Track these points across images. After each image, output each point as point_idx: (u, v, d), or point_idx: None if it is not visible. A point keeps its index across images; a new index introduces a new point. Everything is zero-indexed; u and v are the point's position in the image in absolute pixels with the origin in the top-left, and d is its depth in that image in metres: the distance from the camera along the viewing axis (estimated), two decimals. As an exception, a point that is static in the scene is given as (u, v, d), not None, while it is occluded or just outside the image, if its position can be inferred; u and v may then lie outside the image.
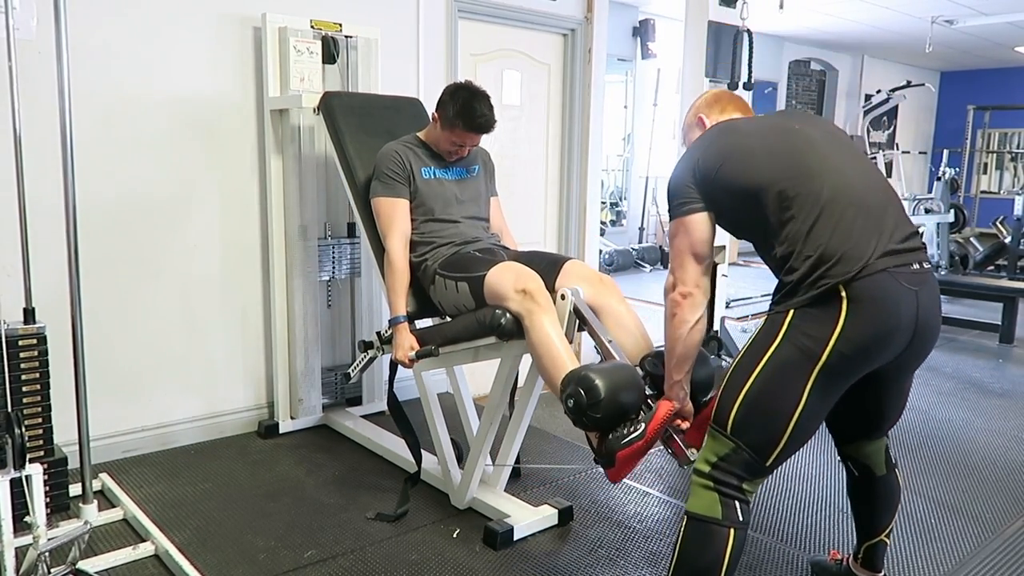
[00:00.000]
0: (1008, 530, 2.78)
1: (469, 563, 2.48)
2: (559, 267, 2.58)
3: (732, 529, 1.81)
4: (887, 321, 1.76)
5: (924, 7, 7.26)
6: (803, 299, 1.76)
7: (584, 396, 2.04)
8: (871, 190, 1.87)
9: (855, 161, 1.94)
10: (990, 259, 7.66)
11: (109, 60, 3.05)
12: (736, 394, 1.82)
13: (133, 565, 2.43)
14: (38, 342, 2.60)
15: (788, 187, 1.82)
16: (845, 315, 1.72)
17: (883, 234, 1.79)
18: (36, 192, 2.62)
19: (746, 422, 1.80)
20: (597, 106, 4.58)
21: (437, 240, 2.77)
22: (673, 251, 1.99)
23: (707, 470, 1.85)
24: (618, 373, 2.11)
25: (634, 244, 9.15)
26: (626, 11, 8.33)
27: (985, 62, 10.74)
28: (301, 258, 3.45)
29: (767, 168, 1.87)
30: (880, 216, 1.82)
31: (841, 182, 1.84)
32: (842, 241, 1.76)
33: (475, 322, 2.54)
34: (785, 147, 1.91)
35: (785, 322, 1.78)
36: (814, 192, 1.81)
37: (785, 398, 1.77)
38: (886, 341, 1.78)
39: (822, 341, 1.73)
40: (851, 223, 1.78)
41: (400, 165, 2.78)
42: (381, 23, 3.65)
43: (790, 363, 1.77)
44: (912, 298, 1.78)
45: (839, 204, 1.80)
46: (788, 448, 1.81)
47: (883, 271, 1.74)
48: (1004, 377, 4.79)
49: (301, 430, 3.59)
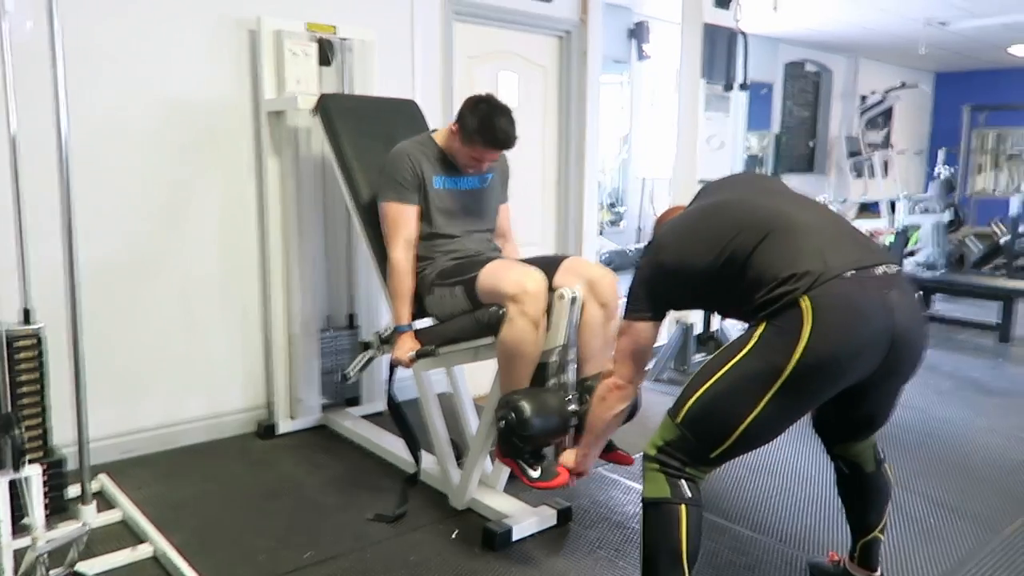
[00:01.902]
0: (1007, 530, 2.78)
1: (468, 563, 2.48)
2: (558, 264, 2.59)
3: (683, 505, 1.85)
4: (855, 330, 1.74)
5: (917, 9, 7.28)
6: (768, 312, 1.78)
7: (515, 422, 2.33)
8: (821, 218, 1.95)
9: (803, 205, 2.01)
10: (987, 258, 7.67)
11: (105, 63, 3.05)
12: (695, 390, 1.87)
13: (132, 567, 2.42)
14: (36, 343, 2.59)
15: (736, 248, 1.87)
16: (810, 327, 1.71)
17: (840, 246, 1.83)
18: (34, 193, 2.61)
19: (697, 416, 1.85)
20: (593, 107, 4.59)
21: (437, 255, 2.75)
22: (618, 347, 2.10)
23: (653, 453, 1.91)
24: (549, 415, 2.37)
25: (632, 244, 9.15)
26: (621, 13, 8.33)
27: (979, 63, 10.77)
28: (299, 255, 3.45)
29: (711, 246, 1.92)
30: (835, 234, 1.89)
31: (786, 221, 1.89)
32: (795, 259, 1.79)
33: (474, 322, 2.54)
34: (721, 218, 1.98)
35: (754, 335, 1.81)
36: (756, 239, 1.85)
37: (740, 404, 1.79)
38: (857, 351, 1.76)
39: (786, 355, 1.73)
40: (803, 244, 1.82)
41: (412, 172, 2.72)
42: (376, 25, 3.65)
43: (752, 373, 1.79)
44: (880, 302, 1.77)
45: (786, 234, 1.85)
46: (735, 449, 1.85)
47: (844, 277, 1.75)
48: (1002, 376, 4.80)
49: (300, 430, 3.59)
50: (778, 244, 1.83)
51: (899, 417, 3.94)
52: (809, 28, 8.48)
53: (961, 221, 8.21)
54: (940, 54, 9.68)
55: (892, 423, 2.17)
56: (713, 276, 1.91)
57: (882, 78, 10.38)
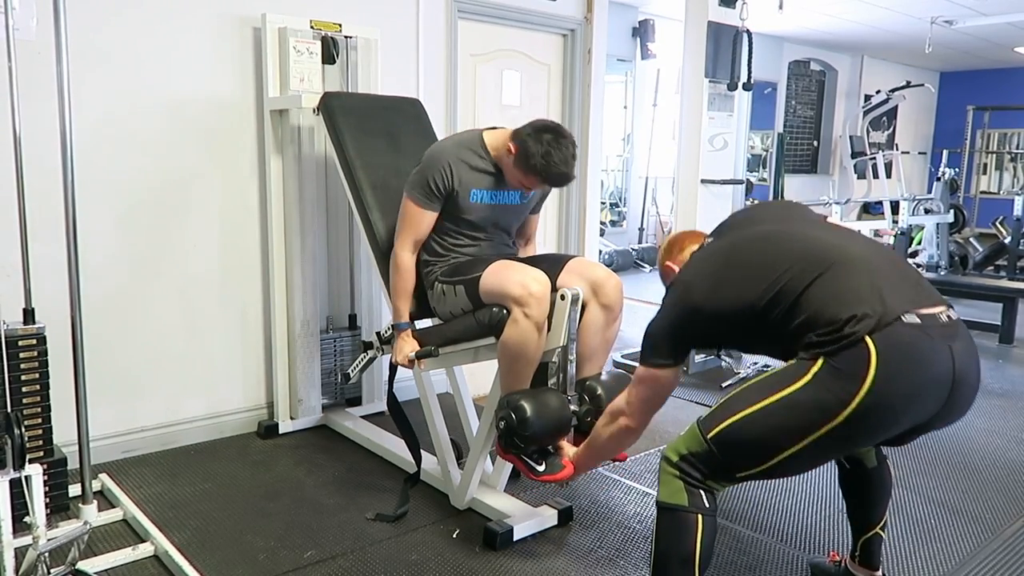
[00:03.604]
0: (1008, 530, 2.78)
1: (469, 563, 2.48)
2: (562, 264, 2.58)
3: (700, 515, 1.83)
4: (918, 379, 1.68)
5: (924, 8, 7.26)
6: (826, 350, 1.68)
7: (516, 427, 2.34)
8: (873, 252, 1.85)
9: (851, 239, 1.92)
10: (990, 259, 7.66)
11: (109, 60, 3.05)
12: (733, 411, 1.79)
13: (133, 565, 2.43)
14: (38, 342, 2.60)
15: (785, 283, 1.78)
16: (874, 372, 1.62)
17: (898, 284, 1.76)
18: (36, 192, 2.61)
19: (731, 438, 1.79)
20: (597, 106, 4.59)
21: (451, 256, 2.70)
22: (635, 391, 2.02)
23: (675, 459, 1.86)
24: (550, 416, 2.37)
25: (634, 244, 9.15)
26: (626, 11, 8.33)
27: (985, 63, 10.74)
28: (300, 254, 3.45)
29: (749, 283, 1.84)
30: (890, 269, 1.80)
31: (840, 258, 1.80)
32: (856, 297, 1.70)
33: (474, 322, 2.54)
34: (766, 252, 1.89)
35: (810, 371, 1.70)
36: (812, 276, 1.76)
37: (781, 438, 1.73)
38: (916, 401, 1.71)
39: (845, 398, 1.64)
40: (861, 281, 1.74)
41: (445, 180, 2.57)
42: (381, 23, 3.65)
43: (802, 411, 1.70)
44: (947, 353, 1.70)
45: (843, 269, 1.76)
46: (763, 476, 1.81)
47: (910, 323, 1.67)
48: (1004, 377, 4.79)
49: (301, 430, 3.59)
50: (835, 280, 1.75)
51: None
52: (814, 27, 8.46)
53: (964, 222, 8.20)
54: (945, 53, 9.66)
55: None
56: (754, 314, 1.82)
57: (887, 77, 10.35)
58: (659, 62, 8.83)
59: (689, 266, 2.05)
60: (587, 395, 2.48)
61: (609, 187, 9.63)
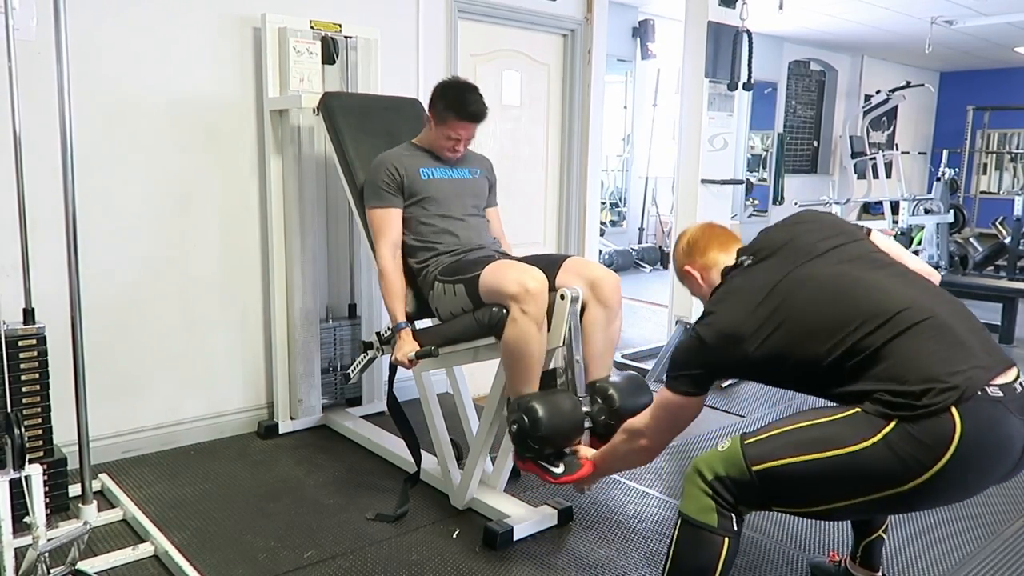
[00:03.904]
0: (1008, 530, 2.78)
1: (469, 563, 2.48)
2: (559, 264, 2.58)
3: (727, 538, 1.77)
4: (997, 457, 1.62)
5: (924, 8, 7.25)
6: (907, 415, 1.58)
7: (527, 427, 2.29)
8: (947, 307, 1.75)
9: (910, 280, 1.82)
10: (990, 259, 7.66)
11: (109, 60, 3.05)
12: (787, 452, 1.69)
13: (133, 565, 2.43)
14: (38, 342, 2.60)
15: (856, 341, 1.68)
16: (955, 448, 1.54)
17: (974, 348, 1.66)
18: (36, 192, 2.62)
19: (780, 478, 1.70)
20: (597, 106, 4.59)
21: (439, 247, 2.74)
22: (656, 420, 1.99)
23: (709, 478, 1.77)
24: (562, 416, 2.32)
25: (634, 244, 9.15)
26: (626, 11, 8.33)
27: (985, 63, 10.74)
28: (300, 254, 3.45)
29: (815, 338, 1.73)
30: (966, 330, 1.70)
31: (917, 311, 1.69)
32: (939, 363, 1.62)
33: (474, 322, 2.54)
34: (833, 305, 1.75)
35: (883, 431, 1.59)
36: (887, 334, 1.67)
37: (834, 491, 1.67)
38: (989, 476, 1.66)
39: (917, 470, 1.56)
40: (940, 345, 1.65)
41: (391, 175, 2.75)
42: (381, 24, 3.65)
43: (867, 472, 1.61)
44: (1022, 430, 1.63)
45: (925, 331, 1.66)
46: (803, 515, 1.78)
47: (992, 397, 1.59)
48: (1004, 377, 4.78)
49: (301, 430, 3.59)
50: (916, 340, 1.65)
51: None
52: (814, 27, 8.46)
53: (964, 222, 8.20)
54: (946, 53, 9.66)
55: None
56: (815, 368, 1.73)
57: (887, 77, 10.35)
58: (659, 62, 8.83)
59: (729, 299, 1.90)
60: (599, 396, 2.44)
61: (609, 187, 9.62)
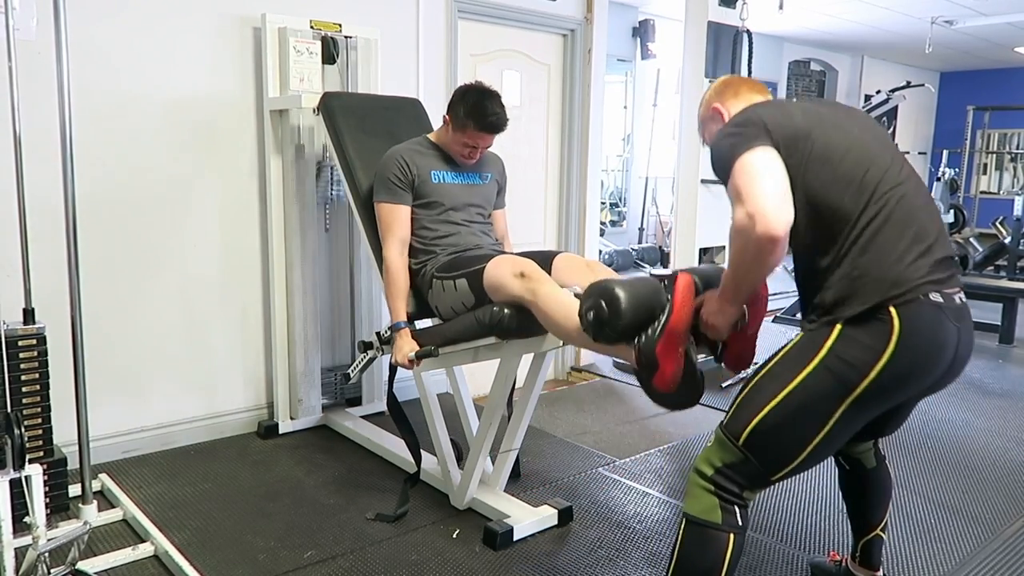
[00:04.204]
0: (1008, 531, 2.78)
1: (469, 563, 2.48)
2: (550, 262, 2.57)
3: (732, 534, 1.78)
4: (931, 358, 1.73)
5: (924, 8, 7.26)
6: (850, 314, 1.68)
7: (605, 308, 1.96)
8: (921, 210, 1.79)
9: (908, 174, 1.83)
10: (990, 259, 7.65)
11: (109, 60, 3.05)
12: (758, 408, 1.75)
13: (133, 565, 2.43)
14: (38, 342, 2.60)
15: (845, 199, 1.73)
16: (893, 348, 1.65)
17: (932, 260, 1.73)
18: (36, 192, 2.62)
19: (762, 440, 1.75)
20: (597, 106, 4.59)
21: (437, 249, 2.74)
22: (736, 189, 1.71)
23: (709, 473, 1.80)
24: (638, 282, 2.03)
25: (634, 244, 9.15)
26: (626, 11, 8.33)
27: (985, 63, 10.74)
28: (300, 254, 3.45)
29: (834, 173, 1.74)
30: (929, 241, 1.75)
31: (896, 201, 1.75)
32: (894, 264, 1.69)
33: (474, 322, 2.53)
34: (851, 154, 1.77)
35: (826, 344, 1.70)
36: (870, 210, 1.73)
37: (809, 424, 1.72)
38: (924, 376, 1.75)
39: (862, 372, 1.66)
40: (906, 247, 1.71)
41: (403, 170, 2.73)
42: (381, 23, 3.65)
43: (823, 390, 1.70)
44: (955, 336, 1.74)
45: (893, 225, 1.72)
46: (799, 468, 1.78)
47: (934, 302, 1.69)
48: (1004, 377, 4.79)
49: (301, 430, 3.59)
50: (890, 233, 1.71)
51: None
52: (814, 27, 8.46)
53: (964, 222, 8.19)
54: (946, 53, 9.66)
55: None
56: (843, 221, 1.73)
57: (887, 77, 10.35)
58: (659, 62, 8.83)
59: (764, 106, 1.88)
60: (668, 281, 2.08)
61: (609, 187, 9.63)
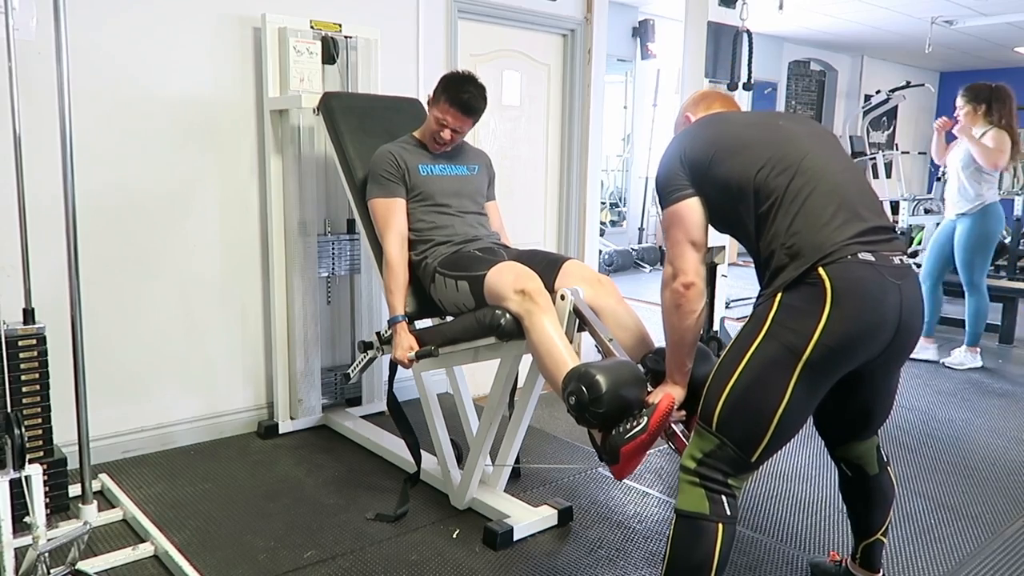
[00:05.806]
0: (1008, 531, 2.78)
1: (469, 563, 2.48)
2: (558, 267, 2.58)
3: (720, 524, 1.81)
4: (872, 315, 1.76)
5: (924, 8, 7.26)
6: (785, 282, 1.77)
7: (586, 392, 2.02)
8: (850, 185, 1.89)
9: (836, 157, 1.95)
10: (989, 259, 7.65)
11: (109, 61, 3.05)
12: (720, 391, 1.82)
13: (133, 565, 2.43)
14: (38, 342, 2.60)
15: (768, 180, 1.85)
16: (829, 308, 1.71)
17: (862, 226, 1.80)
18: (36, 192, 2.62)
19: (731, 419, 1.81)
20: (597, 106, 4.58)
21: (436, 238, 2.77)
22: (670, 242, 1.97)
23: (693, 466, 1.85)
24: (620, 369, 2.10)
25: (634, 244, 9.16)
26: (626, 11, 8.34)
27: (985, 63, 10.75)
28: (301, 254, 3.45)
29: (751, 160, 1.88)
30: (857, 210, 1.83)
31: (820, 176, 1.85)
32: (820, 229, 1.77)
33: (475, 322, 2.53)
34: (767, 139, 1.93)
35: (769, 315, 1.79)
36: (794, 185, 1.83)
37: (769, 395, 1.76)
38: (870, 335, 1.78)
39: (806, 335, 1.72)
40: (831, 214, 1.79)
41: (394, 165, 2.78)
42: (381, 23, 3.65)
43: (774, 359, 1.76)
44: (896, 292, 1.78)
45: (818, 196, 1.81)
46: (773, 444, 1.81)
47: (865, 261, 1.75)
48: (1004, 377, 4.79)
49: (301, 430, 3.59)
50: (810, 207, 1.80)
51: (899, 418, 3.92)
52: (814, 27, 8.46)
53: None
54: (946, 53, 9.66)
55: (893, 424, 2.17)
56: (742, 189, 1.88)
57: (887, 77, 10.35)
58: (659, 62, 8.83)
59: (704, 119, 2.11)
60: (655, 361, 2.24)
61: (609, 187, 9.63)
